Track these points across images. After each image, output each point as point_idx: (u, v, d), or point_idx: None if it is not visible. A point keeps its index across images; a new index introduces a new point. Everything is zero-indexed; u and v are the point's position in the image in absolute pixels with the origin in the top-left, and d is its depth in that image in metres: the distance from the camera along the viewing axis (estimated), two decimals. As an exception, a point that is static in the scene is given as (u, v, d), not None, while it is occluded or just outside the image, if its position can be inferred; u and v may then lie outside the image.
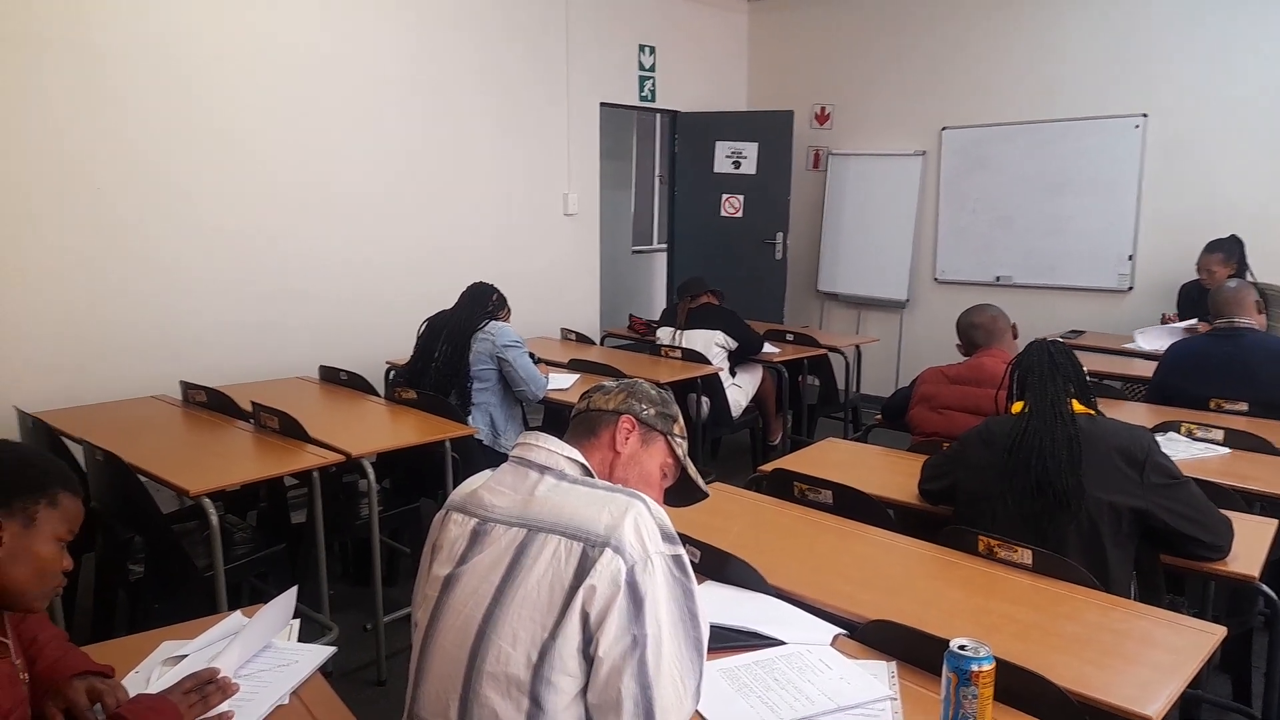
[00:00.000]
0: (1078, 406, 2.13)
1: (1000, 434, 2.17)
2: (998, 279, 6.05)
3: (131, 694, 1.43)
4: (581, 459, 1.49)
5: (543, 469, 1.45)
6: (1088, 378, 2.26)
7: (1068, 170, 5.66)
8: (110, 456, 2.65)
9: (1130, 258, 5.48)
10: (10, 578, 1.27)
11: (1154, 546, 2.06)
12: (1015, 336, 3.00)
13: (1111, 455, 2.02)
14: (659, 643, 1.29)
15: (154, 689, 1.47)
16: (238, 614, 1.77)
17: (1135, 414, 3.25)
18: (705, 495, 1.69)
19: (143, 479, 2.65)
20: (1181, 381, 3.37)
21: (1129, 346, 4.61)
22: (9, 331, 3.62)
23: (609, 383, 1.64)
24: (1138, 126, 5.37)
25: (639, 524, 1.35)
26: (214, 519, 2.50)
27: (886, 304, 6.62)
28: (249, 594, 3.09)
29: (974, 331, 2.99)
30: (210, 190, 4.17)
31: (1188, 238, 4.95)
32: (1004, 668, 1.35)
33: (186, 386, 3.58)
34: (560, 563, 1.32)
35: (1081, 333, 5.24)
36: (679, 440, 1.62)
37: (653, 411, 1.59)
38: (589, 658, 1.30)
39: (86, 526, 1.45)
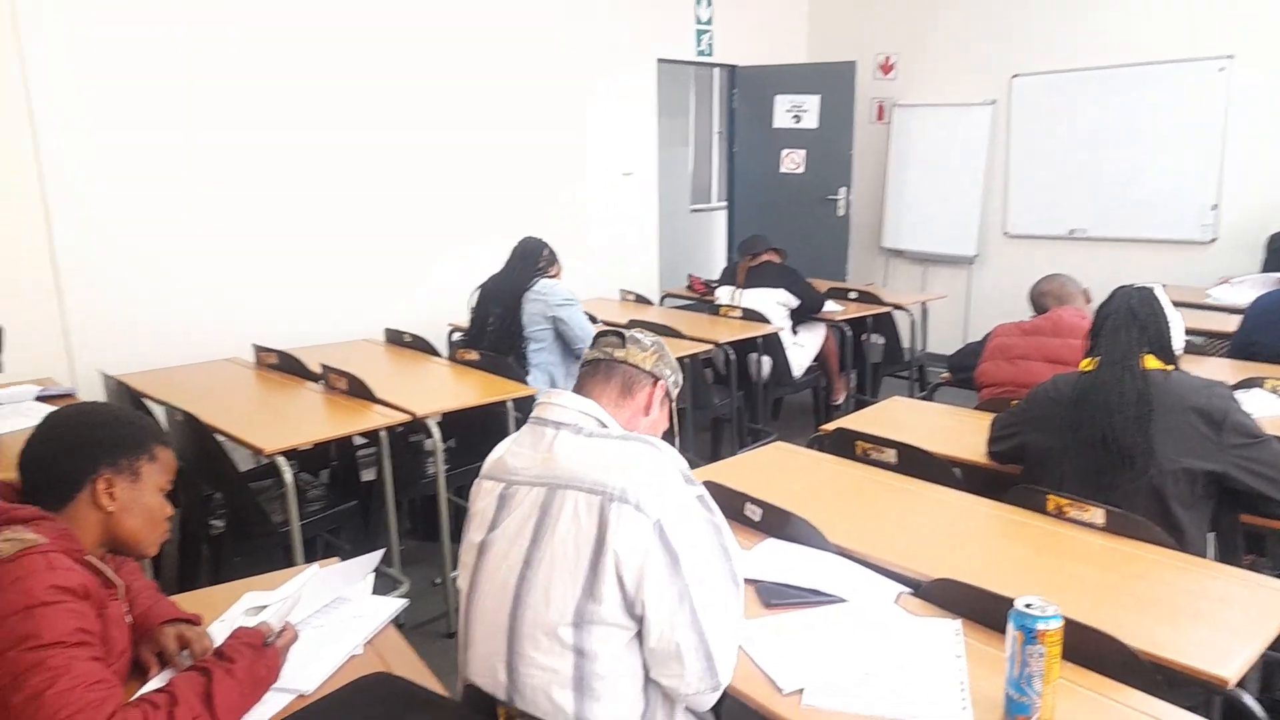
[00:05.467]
0: (1153, 361, 2.06)
1: (1067, 389, 2.12)
2: (1071, 232, 5.85)
3: (217, 642, 1.50)
4: (598, 412, 1.50)
5: (558, 425, 1.47)
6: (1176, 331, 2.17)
7: (1148, 117, 5.41)
8: (189, 417, 2.75)
9: (1214, 207, 5.24)
10: (125, 528, 1.39)
11: (1233, 506, 2.00)
12: (1088, 301, 2.93)
13: (1188, 415, 1.95)
14: (702, 587, 1.32)
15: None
16: (314, 567, 1.84)
17: (1218, 370, 3.13)
18: None
19: (220, 438, 2.75)
20: (1266, 336, 3.24)
21: (1211, 300, 4.42)
22: (93, 299, 3.77)
23: (638, 333, 1.63)
24: (1223, 69, 5.09)
25: (656, 471, 1.37)
26: (288, 477, 2.58)
27: (954, 260, 6.45)
28: (323, 548, 3.21)
29: (1044, 299, 2.98)
30: (278, 161, 4.26)
31: (1278, 185, 4.70)
32: (1072, 627, 1.32)
33: (258, 349, 3.69)
34: (581, 518, 1.34)
35: (1162, 286, 5.04)
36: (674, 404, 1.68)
37: (674, 379, 1.63)
38: (635, 615, 1.32)
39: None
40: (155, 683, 1.41)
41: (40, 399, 3.06)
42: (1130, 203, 5.56)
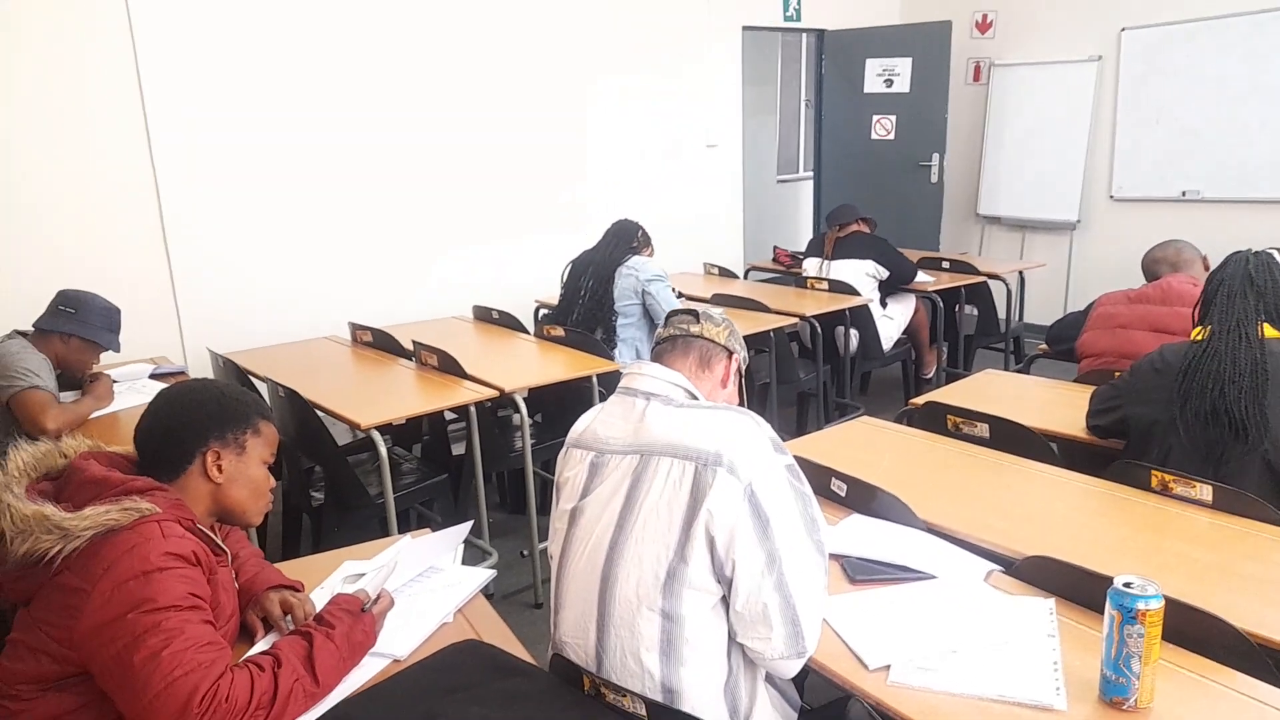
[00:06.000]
0: (1271, 331, 1.93)
1: (1175, 360, 2.01)
2: (1184, 194, 5.51)
3: (318, 607, 1.57)
4: (685, 383, 1.53)
5: (648, 395, 1.50)
6: None
7: (1268, 69, 5.04)
8: (291, 393, 2.87)
9: (1344, 163, 4.87)
10: (232, 498, 1.47)
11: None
12: (1207, 269, 2.75)
13: (1306, 385, 1.83)
14: (791, 552, 1.34)
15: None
16: (407, 537, 1.90)
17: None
18: None
19: (319, 413, 2.86)
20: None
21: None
22: (202, 284, 3.98)
23: (711, 309, 1.66)
24: (1358, 11, 4.71)
25: (748, 439, 1.39)
26: (383, 450, 2.67)
27: (1055, 226, 6.18)
28: (415, 520, 3.31)
29: (1158, 266, 2.81)
30: (371, 155, 4.39)
31: None
32: (1175, 607, 1.27)
33: (354, 327, 3.82)
34: (675, 483, 1.36)
35: (1281, 250, 4.72)
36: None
37: (743, 354, 1.66)
38: (723, 578, 1.33)
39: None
40: (261, 645, 1.49)
41: (154, 376, 3.24)
42: (1248, 162, 5.20)
